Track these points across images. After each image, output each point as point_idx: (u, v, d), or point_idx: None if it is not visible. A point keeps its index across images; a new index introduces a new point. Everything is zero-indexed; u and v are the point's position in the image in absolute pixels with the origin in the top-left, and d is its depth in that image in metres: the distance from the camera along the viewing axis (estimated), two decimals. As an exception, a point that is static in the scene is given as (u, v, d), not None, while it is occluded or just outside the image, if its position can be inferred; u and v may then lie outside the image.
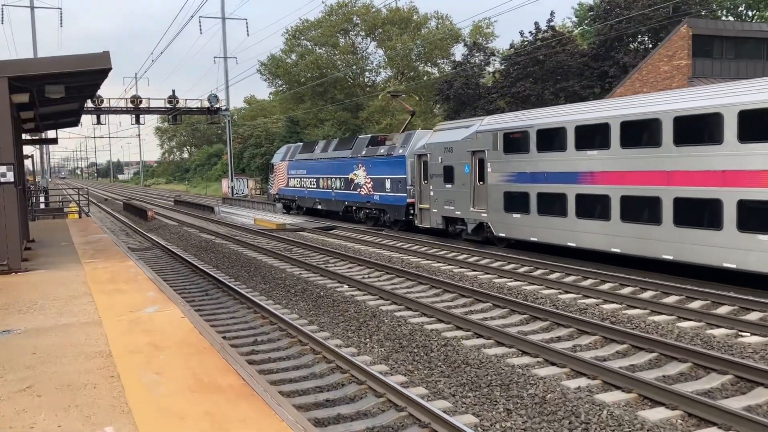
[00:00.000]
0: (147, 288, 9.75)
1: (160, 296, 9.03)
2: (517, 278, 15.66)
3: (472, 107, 41.65)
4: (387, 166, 27.76)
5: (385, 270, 17.08)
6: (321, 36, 67.72)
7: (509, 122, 20.45)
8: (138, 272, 11.26)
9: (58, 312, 8.29)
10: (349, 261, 19.16)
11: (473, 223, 22.10)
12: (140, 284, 10.09)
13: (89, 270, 11.65)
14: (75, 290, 9.79)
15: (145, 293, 9.37)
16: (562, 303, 12.85)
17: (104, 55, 10.91)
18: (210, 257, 21.82)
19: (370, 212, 29.89)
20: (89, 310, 8.27)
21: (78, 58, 10.89)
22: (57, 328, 7.40)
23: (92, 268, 11.92)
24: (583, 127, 17.50)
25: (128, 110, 61.56)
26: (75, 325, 7.49)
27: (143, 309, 8.22)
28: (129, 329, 7.21)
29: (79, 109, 18.09)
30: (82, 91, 13.98)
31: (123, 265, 12.15)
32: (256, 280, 17.18)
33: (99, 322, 7.56)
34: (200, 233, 28.91)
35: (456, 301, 13.49)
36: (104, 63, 10.87)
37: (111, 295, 9.27)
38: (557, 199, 18.38)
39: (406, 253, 20.57)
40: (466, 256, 19.70)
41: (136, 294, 9.29)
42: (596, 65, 40.97)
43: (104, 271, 11.47)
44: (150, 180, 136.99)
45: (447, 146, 23.29)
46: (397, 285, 15.43)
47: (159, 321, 7.52)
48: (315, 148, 36.30)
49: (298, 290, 15.31)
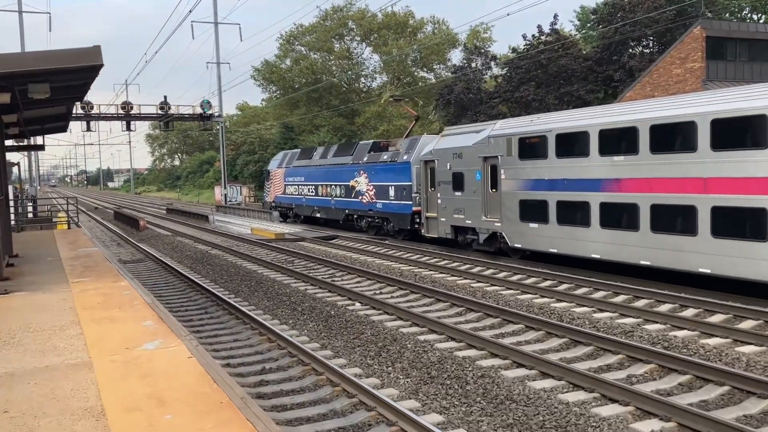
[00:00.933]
0: (144, 315, 8.47)
1: (160, 327, 7.75)
2: (543, 294, 14.49)
3: (474, 112, 40.57)
4: (391, 172, 26.59)
5: (398, 285, 15.88)
6: (316, 41, 66.61)
7: (525, 126, 19.33)
8: (133, 295, 9.99)
9: (41, 348, 7.01)
10: (356, 274, 17.96)
11: (485, 233, 20.95)
12: (136, 310, 8.81)
13: (78, 292, 10.35)
14: (61, 318, 8.51)
15: (142, 322, 8.10)
16: (603, 324, 11.68)
17: (94, 50, 9.71)
18: (207, 270, 20.58)
19: (373, 221, 28.70)
20: (77, 346, 7.00)
21: (65, 54, 9.68)
22: (38, 373, 6.13)
23: (81, 289, 10.61)
24: (608, 131, 16.39)
25: (119, 117, 60.21)
26: (60, 368, 6.23)
27: (142, 344, 6.95)
28: (125, 374, 5.94)
29: (68, 113, 16.84)
30: (70, 92, 12.76)
31: (116, 285, 10.86)
32: (258, 296, 15.96)
33: (89, 364, 6.29)
34: (195, 244, 27.65)
35: (482, 321, 12.30)
36: (94, 59, 9.67)
37: (103, 324, 7.98)
38: (579, 208, 17.26)
39: (417, 266, 19.38)
40: (480, 268, 18.54)
41: (133, 323, 8.01)
42: (600, 69, 39.98)
43: (95, 293, 10.17)
44: (141, 188, 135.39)
45: (456, 152, 22.15)
46: (414, 303, 14.23)
47: (161, 361, 6.26)
48: (313, 155, 35.11)
49: (306, 308, 14.09)
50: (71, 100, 13.90)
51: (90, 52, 9.64)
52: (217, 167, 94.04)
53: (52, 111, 15.15)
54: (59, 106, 14.38)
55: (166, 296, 16.44)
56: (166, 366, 6.12)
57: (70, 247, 17.58)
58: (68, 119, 18.05)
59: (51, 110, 15.04)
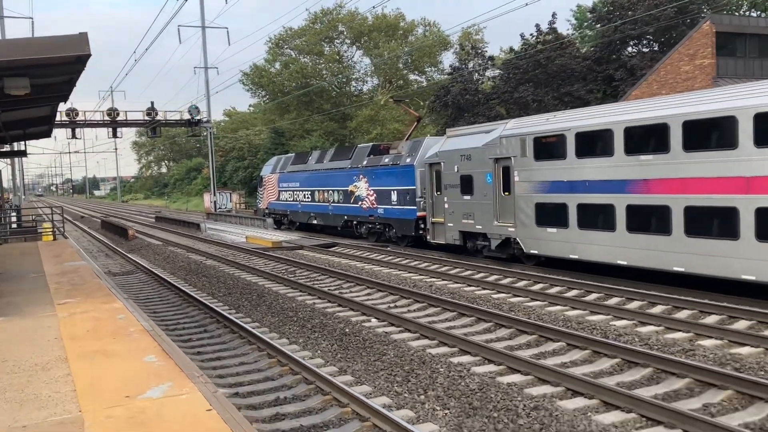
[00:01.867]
0: (144, 347, 7.14)
1: (165, 363, 6.40)
2: (574, 305, 13.33)
3: (472, 114, 39.48)
4: (393, 176, 25.41)
5: (414, 297, 14.67)
6: (305, 44, 65.38)
7: (541, 125, 18.21)
8: (129, 319, 8.67)
9: (18, 398, 5.65)
10: (365, 286, 16.74)
11: (498, 238, 19.80)
12: (134, 340, 7.47)
13: (65, 316, 9.01)
14: (44, 353, 7.17)
15: (143, 357, 6.76)
16: (654, 342, 10.52)
17: (80, 38, 8.46)
18: (202, 282, 19.29)
19: (373, 227, 27.49)
20: (64, 394, 5.66)
21: (47, 42, 8.43)
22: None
23: (69, 312, 9.27)
24: (634, 128, 15.28)
25: (105, 123, 58.75)
26: (42, 426, 4.93)
27: (145, 391, 5.61)
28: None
29: (52, 116, 15.55)
30: (53, 90, 11.50)
31: (108, 307, 9.52)
32: (261, 312, 14.72)
33: (80, 422, 4.97)
34: (188, 254, 26.33)
35: (517, 338, 11.11)
36: (80, 48, 8.42)
37: (96, 361, 6.64)
38: (603, 211, 16.14)
39: (428, 275, 18.20)
40: (497, 276, 17.38)
41: (131, 359, 6.64)
42: (600, 69, 39.04)
43: (84, 317, 8.83)
44: (127, 196, 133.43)
45: (464, 153, 21.01)
46: (435, 317, 13.02)
47: (173, 417, 4.85)
48: (309, 159, 33.87)
49: (316, 325, 12.86)
50: (55, 99, 12.62)
51: (75, 41, 8.40)
52: (206, 174, 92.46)
53: (35, 113, 13.85)
54: (42, 107, 13.10)
55: (161, 313, 15.18)
56: (180, 426, 4.82)
57: (56, 260, 16.23)
58: (52, 122, 16.74)
59: (33, 112, 13.74)
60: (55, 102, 13.10)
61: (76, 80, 10.42)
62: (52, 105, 13.52)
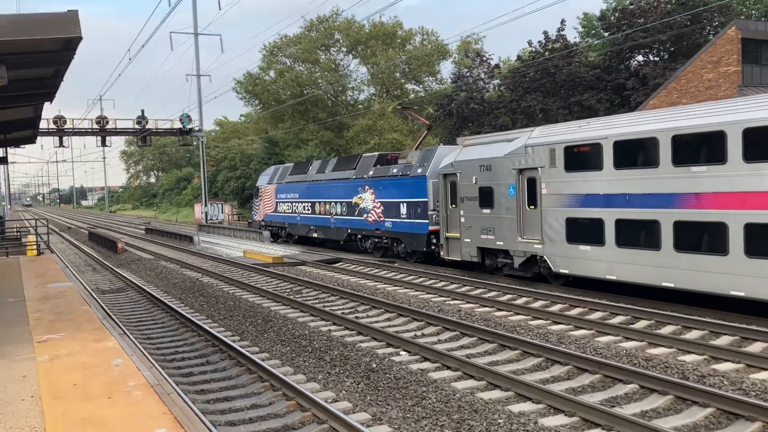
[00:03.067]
0: (151, 412, 5.32)
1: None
2: (628, 335, 11.79)
3: (478, 124, 38.05)
4: (402, 188, 23.85)
5: (441, 324, 13.08)
6: (301, 52, 63.88)
7: (572, 133, 16.74)
8: (127, 366, 6.88)
9: None
10: (384, 309, 15.13)
11: (521, 256, 18.26)
12: (137, 402, 5.62)
13: (46, 361, 7.19)
14: (16, 422, 5.45)
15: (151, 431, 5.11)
16: (756, 388, 8.98)
17: (69, 17, 6.87)
18: (200, 303, 17.63)
19: (380, 241, 25.90)
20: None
21: (26, 21, 6.83)
22: None
23: (51, 355, 7.46)
24: (684, 136, 13.82)
25: (94, 132, 57.03)
26: None
27: None
28: None
29: (35, 119, 13.91)
30: (36, 86, 9.88)
31: (100, 347, 7.77)
32: (269, 339, 13.09)
33: None
34: (182, 269, 24.63)
35: (577, 379, 9.52)
36: (69, 29, 6.82)
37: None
38: (645, 228, 14.64)
39: (449, 296, 16.64)
40: (526, 299, 15.85)
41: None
42: (609, 78, 37.74)
43: (70, 363, 7.02)
44: (115, 206, 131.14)
45: (484, 164, 19.50)
46: (471, 349, 11.43)
47: None
48: (309, 169, 32.26)
49: (336, 358, 11.25)
50: (39, 97, 11.00)
51: (63, 20, 6.82)
52: (196, 184, 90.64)
53: (16, 114, 12.22)
54: (25, 107, 11.48)
55: (156, 339, 13.53)
56: None
57: (39, 281, 14.50)
58: (37, 126, 15.10)
59: (14, 113, 12.11)
60: (39, 101, 11.47)
61: (64, 72, 8.81)
62: (36, 105, 11.89)
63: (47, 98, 11.06)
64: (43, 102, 11.61)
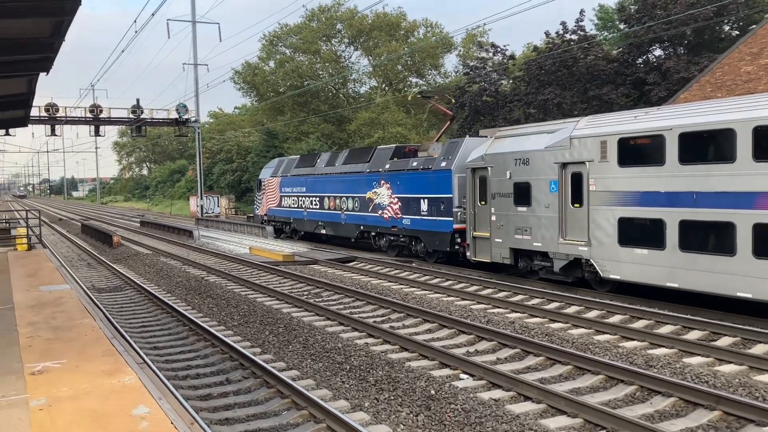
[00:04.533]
0: None
1: None
2: (719, 355, 10.16)
3: (492, 117, 36.35)
4: (424, 182, 22.14)
5: (496, 339, 11.39)
6: (302, 42, 62.01)
7: (627, 123, 15.07)
8: (155, 419, 5.01)
9: None
10: (420, 317, 13.42)
11: (563, 258, 16.61)
12: None
13: (40, 411, 4.97)
14: None
15: None
16: None
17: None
18: (209, 306, 15.90)
19: (396, 240, 24.18)
20: None
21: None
22: None
23: (48, 399, 5.31)
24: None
25: (87, 120, 55.10)
26: None
27: None
28: None
29: (28, 95, 12.12)
30: (30, 49, 8.11)
31: (115, 385, 5.66)
32: (295, 352, 11.39)
33: None
34: (184, 267, 22.84)
35: (694, 415, 7.86)
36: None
37: None
38: (717, 230, 13.02)
39: (490, 303, 14.98)
40: (577, 308, 14.21)
41: None
42: (628, 71, 36.12)
43: (75, 412, 4.84)
44: (107, 198, 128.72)
45: (520, 157, 17.83)
46: (543, 372, 9.74)
47: None
48: (317, 162, 30.49)
49: (382, 379, 9.56)
50: (35, 65, 9.22)
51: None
52: (190, 176, 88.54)
53: (8, 88, 10.45)
54: (16, 78, 9.71)
55: (163, 349, 11.81)
56: None
57: (30, 281, 12.68)
58: (30, 105, 13.29)
59: (6, 86, 10.34)
60: (34, 71, 9.69)
61: (66, 28, 7.05)
62: (31, 76, 10.11)
63: (44, 66, 9.29)
64: (38, 72, 9.86)
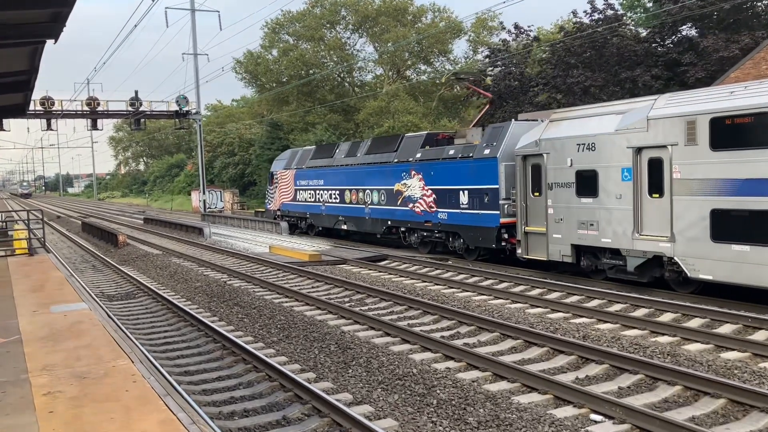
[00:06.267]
0: None
1: None
2: None
3: (517, 102, 34.29)
4: (463, 172, 20.10)
5: (606, 360, 9.40)
6: (306, 30, 59.73)
7: (722, 100, 13.05)
8: None
9: None
10: (495, 329, 11.42)
11: (639, 256, 14.62)
12: None
13: None
14: None
15: None
16: None
17: None
18: (237, 316, 13.87)
19: (430, 236, 22.15)
20: None
21: None
22: None
23: None
24: None
25: (84, 114, 52.98)
26: None
27: None
28: None
29: (31, 72, 10.03)
30: (32, 2, 6.04)
31: None
32: (360, 378, 9.39)
33: None
34: (201, 269, 20.79)
35: None
36: None
37: None
38: None
39: (569, 311, 12.99)
40: (673, 315, 12.20)
41: None
42: (660, 52, 34.08)
43: None
44: (104, 193, 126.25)
45: (584, 142, 15.82)
46: (694, 409, 7.76)
47: None
48: (335, 152, 28.43)
49: (489, 421, 7.55)
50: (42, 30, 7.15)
51: None
52: (189, 171, 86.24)
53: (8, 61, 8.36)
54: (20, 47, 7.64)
55: (195, 374, 9.79)
56: None
57: (38, 298, 10.56)
58: (30, 86, 11.21)
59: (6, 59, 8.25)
60: (40, 39, 7.63)
61: None
62: (36, 45, 8.03)
63: (52, 31, 7.22)
64: (45, 40, 7.82)
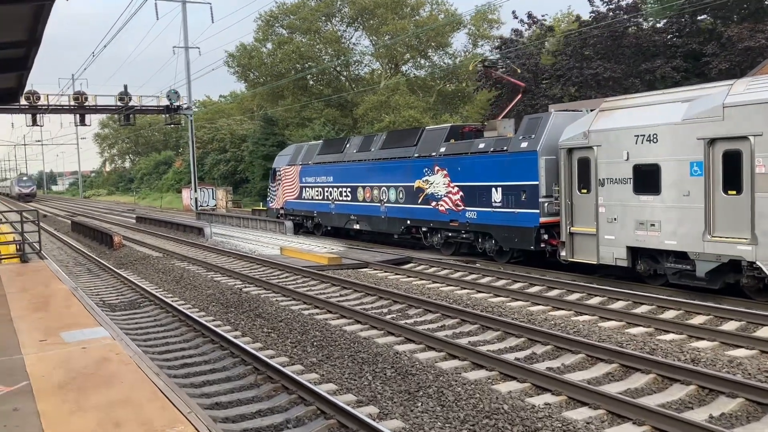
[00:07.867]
0: None
1: None
2: None
3: (531, 94, 32.74)
4: (495, 168, 18.48)
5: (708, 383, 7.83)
6: (301, 22, 57.90)
7: (819, 85, 11.54)
8: None
9: None
10: (581, 350, 9.80)
11: (711, 260, 13.07)
12: None
13: None
14: None
15: None
16: None
17: None
18: (263, 330, 12.16)
19: (456, 236, 20.52)
20: None
21: None
22: None
23: None
24: None
25: (72, 109, 50.79)
26: None
27: None
28: None
29: (28, 50, 8.27)
30: None
31: None
32: (434, 414, 7.78)
33: None
34: (209, 273, 19.03)
35: None
36: None
37: None
38: None
39: (645, 323, 11.39)
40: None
41: None
42: (680, 42, 32.67)
43: None
44: (89, 191, 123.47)
45: (644, 133, 14.25)
46: None
47: None
48: (346, 147, 26.71)
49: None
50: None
51: None
52: (178, 168, 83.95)
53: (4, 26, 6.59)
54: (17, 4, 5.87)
55: (228, 406, 8.10)
56: None
57: (41, 320, 8.69)
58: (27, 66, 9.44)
59: None
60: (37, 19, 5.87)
61: None
62: (41, 4, 6.28)
63: None
64: (43, 22, 6.05)
